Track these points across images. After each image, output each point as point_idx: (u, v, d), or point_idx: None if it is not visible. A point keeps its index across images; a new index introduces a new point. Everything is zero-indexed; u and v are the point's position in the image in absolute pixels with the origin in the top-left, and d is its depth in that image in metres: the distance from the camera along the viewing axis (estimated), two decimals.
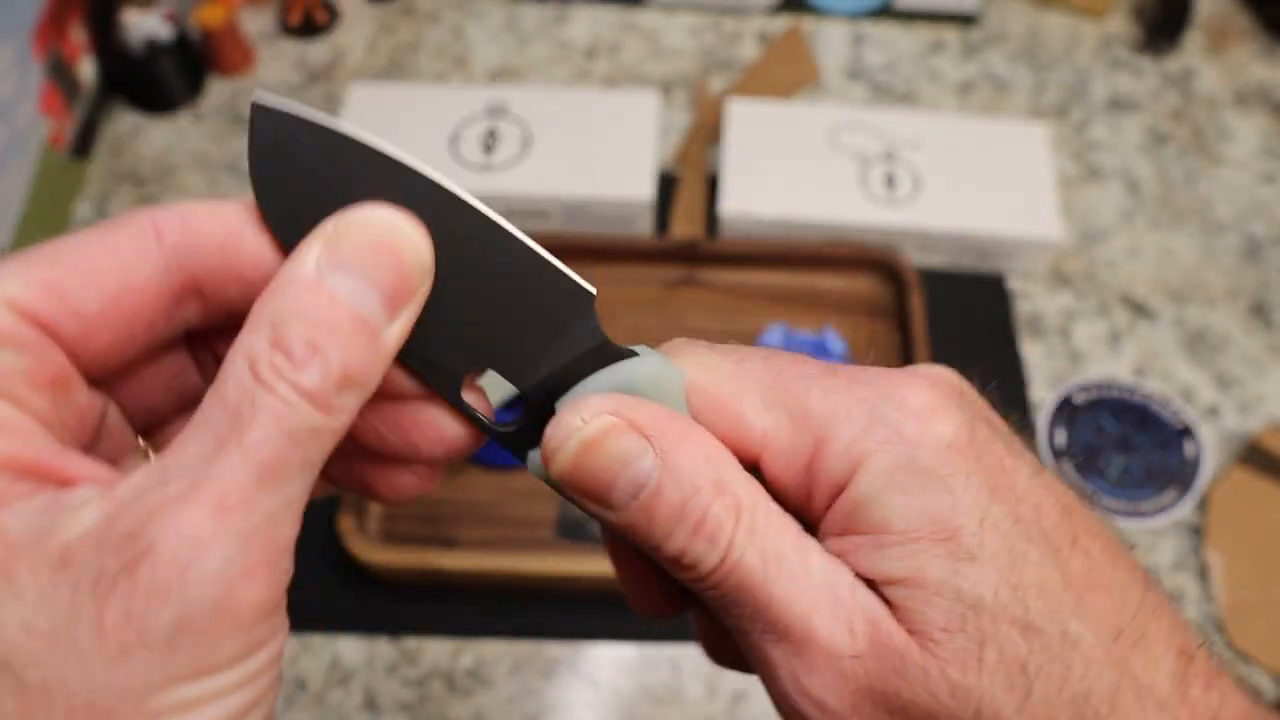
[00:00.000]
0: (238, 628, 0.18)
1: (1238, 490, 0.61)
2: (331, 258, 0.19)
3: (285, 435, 0.18)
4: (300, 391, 0.18)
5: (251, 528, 0.18)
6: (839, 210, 0.69)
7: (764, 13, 0.85)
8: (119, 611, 0.17)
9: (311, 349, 0.18)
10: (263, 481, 0.18)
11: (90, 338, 0.20)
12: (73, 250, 0.20)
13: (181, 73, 0.77)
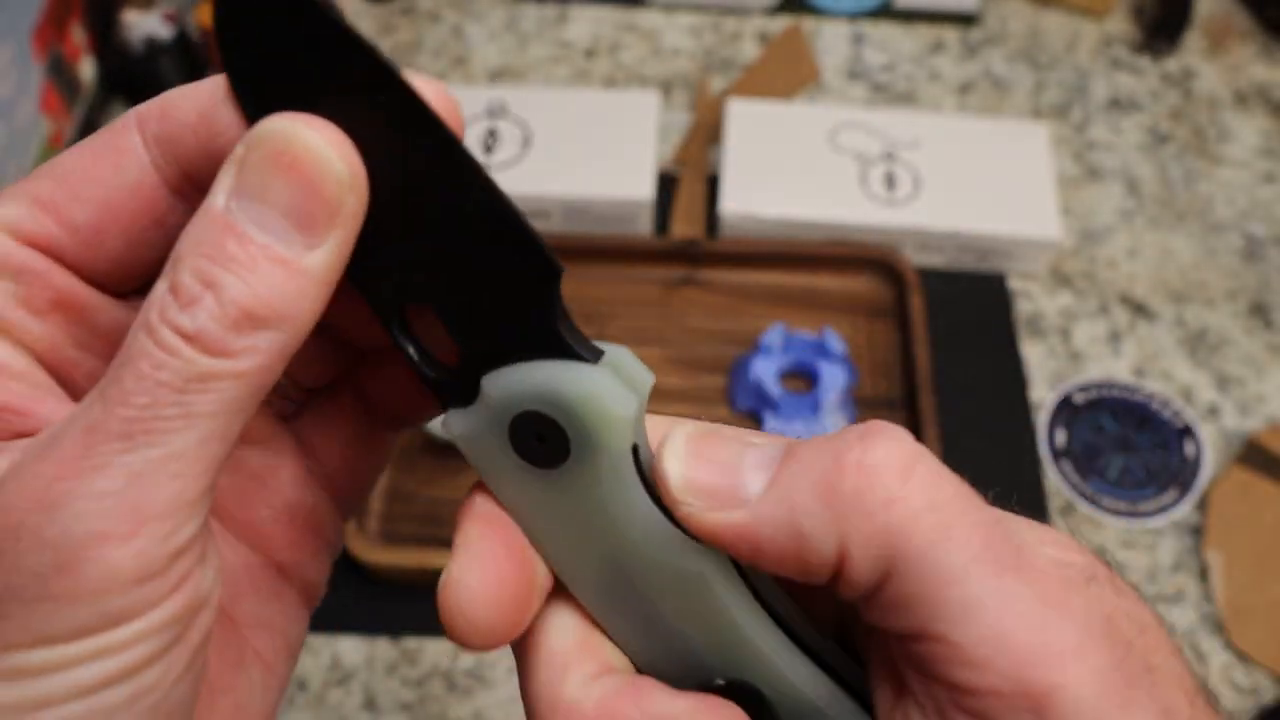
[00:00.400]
0: (80, 598, 0.16)
1: (1238, 490, 0.61)
2: (238, 184, 0.17)
3: (159, 385, 0.16)
4: (183, 334, 0.16)
5: (107, 489, 0.16)
6: (839, 210, 0.69)
7: (764, 13, 0.85)
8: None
9: (203, 285, 0.17)
10: (129, 436, 0.16)
11: (94, 248, 0.19)
12: (63, 163, 0.19)
13: (181, 73, 0.77)
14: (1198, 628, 0.57)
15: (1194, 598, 0.58)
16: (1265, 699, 0.55)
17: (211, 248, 0.17)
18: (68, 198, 0.18)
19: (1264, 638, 0.57)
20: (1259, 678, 0.56)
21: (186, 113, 0.19)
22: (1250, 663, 0.56)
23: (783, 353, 0.64)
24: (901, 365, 0.65)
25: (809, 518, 0.17)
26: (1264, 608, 0.58)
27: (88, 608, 0.16)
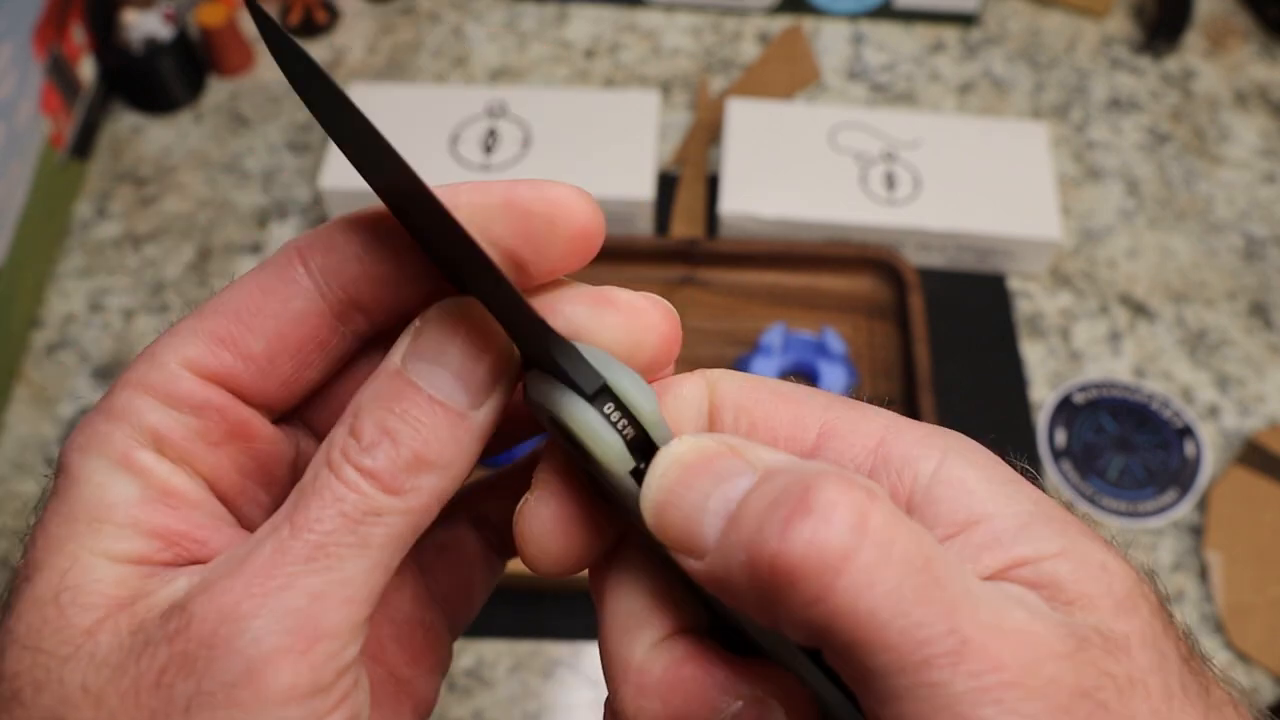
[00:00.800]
0: (260, 707, 0.17)
1: (1238, 490, 0.61)
2: (413, 348, 0.20)
3: (340, 515, 0.18)
4: (363, 472, 0.19)
5: (285, 608, 0.18)
6: (839, 210, 0.69)
7: (764, 13, 0.85)
8: (151, 679, 0.17)
9: (382, 432, 0.19)
10: (310, 560, 0.18)
11: (266, 376, 0.21)
12: (233, 298, 0.20)
13: (181, 73, 0.77)
14: (1198, 628, 0.57)
15: (1194, 598, 0.58)
16: (1265, 699, 0.55)
17: (391, 400, 0.19)
18: (243, 331, 0.20)
19: (1264, 638, 0.57)
20: (1259, 678, 0.56)
21: (350, 245, 0.21)
22: (1250, 663, 0.56)
23: (783, 353, 0.64)
24: (901, 365, 0.65)
25: (743, 596, 0.18)
26: (1264, 608, 0.57)
27: (269, 716, 0.17)
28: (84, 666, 0.18)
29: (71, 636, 0.18)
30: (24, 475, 0.62)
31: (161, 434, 0.20)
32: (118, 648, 0.18)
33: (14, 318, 0.66)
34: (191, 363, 0.20)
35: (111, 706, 0.17)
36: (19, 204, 0.67)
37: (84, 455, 0.20)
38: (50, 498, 0.20)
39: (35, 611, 0.18)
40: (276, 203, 0.74)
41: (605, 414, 0.19)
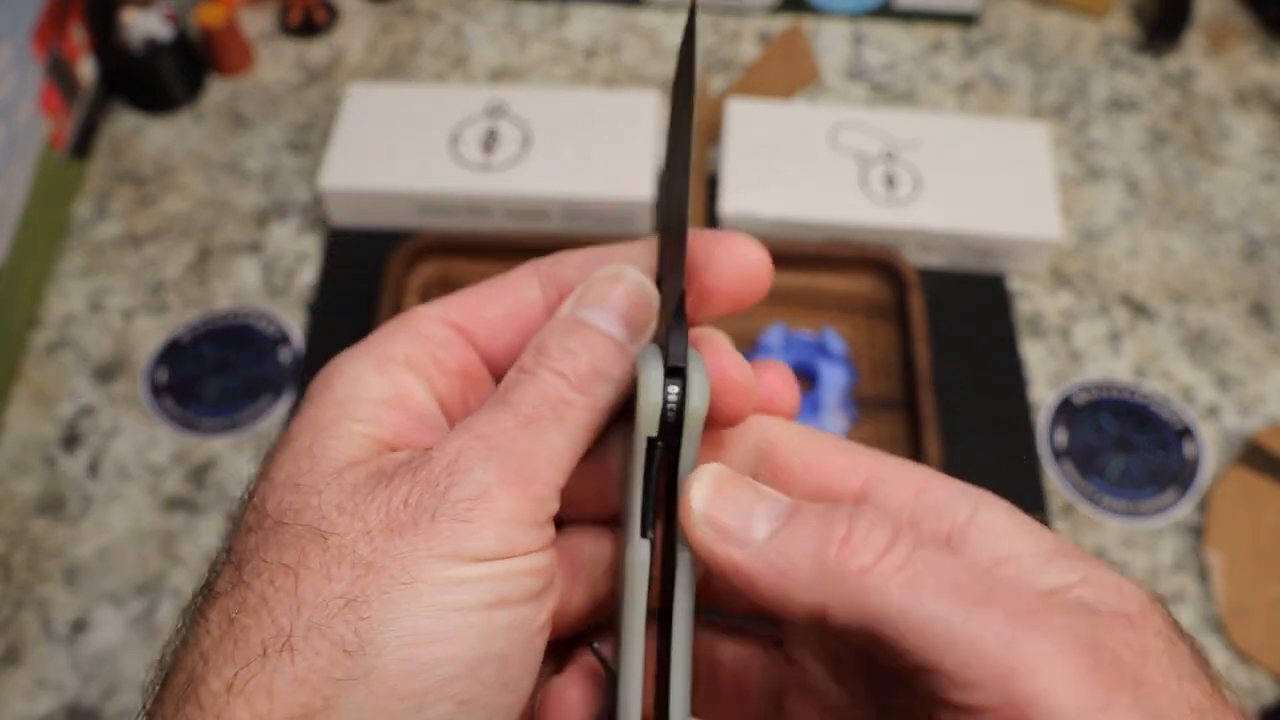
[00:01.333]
0: (492, 523, 0.21)
1: (1238, 490, 0.61)
2: (581, 299, 0.25)
3: (541, 397, 0.23)
4: (555, 373, 0.24)
5: (508, 454, 0.22)
6: (839, 210, 0.69)
7: (764, 13, 0.85)
8: (401, 498, 0.22)
9: (564, 351, 0.24)
10: (521, 426, 0.23)
11: (495, 337, 0.26)
12: (480, 286, 0.27)
13: (181, 73, 0.77)
14: (1198, 628, 0.57)
15: (1194, 598, 0.58)
16: (1265, 699, 0.55)
17: (568, 332, 0.25)
18: (484, 302, 0.27)
19: (1264, 638, 0.57)
20: (1259, 678, 0.56)
21: (572, 263, 0.27)
22: (1250, 663, 0.56)
23: (783, 353, 0.64)
24: (901, 365, 0.65)
25: (798, 573, 0.21)
26: (1264, 608, 0.57)
27: (494, 534, 0.21)
28: (337, 493, 0.22)
29: (323, 476, 0.22)
30: (24, 475, 0.62)
31: (411, 355, 0.25)
32: (365, 481, 0.22)
33: (14, 318, 0.66)
34: (441, 315, 0.26)
35: (366, 517, 0.21)
36: (19, 204, 0.67)
37: (348, 360, 0.25)
38: (303, 404, 0.25)
39: (292, 462, 0.23)
40: (276, 203, 0.74)
41: (666, 386, 0.23)
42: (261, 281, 0.70)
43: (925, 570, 0.20)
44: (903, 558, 0.20)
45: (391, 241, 0.68)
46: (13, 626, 0.57)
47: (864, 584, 0.20)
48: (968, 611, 0.19)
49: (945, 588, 0.20)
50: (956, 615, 0.19)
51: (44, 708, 0.55)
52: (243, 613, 0.21)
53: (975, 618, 0.19)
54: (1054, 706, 0.18)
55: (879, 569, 0.20)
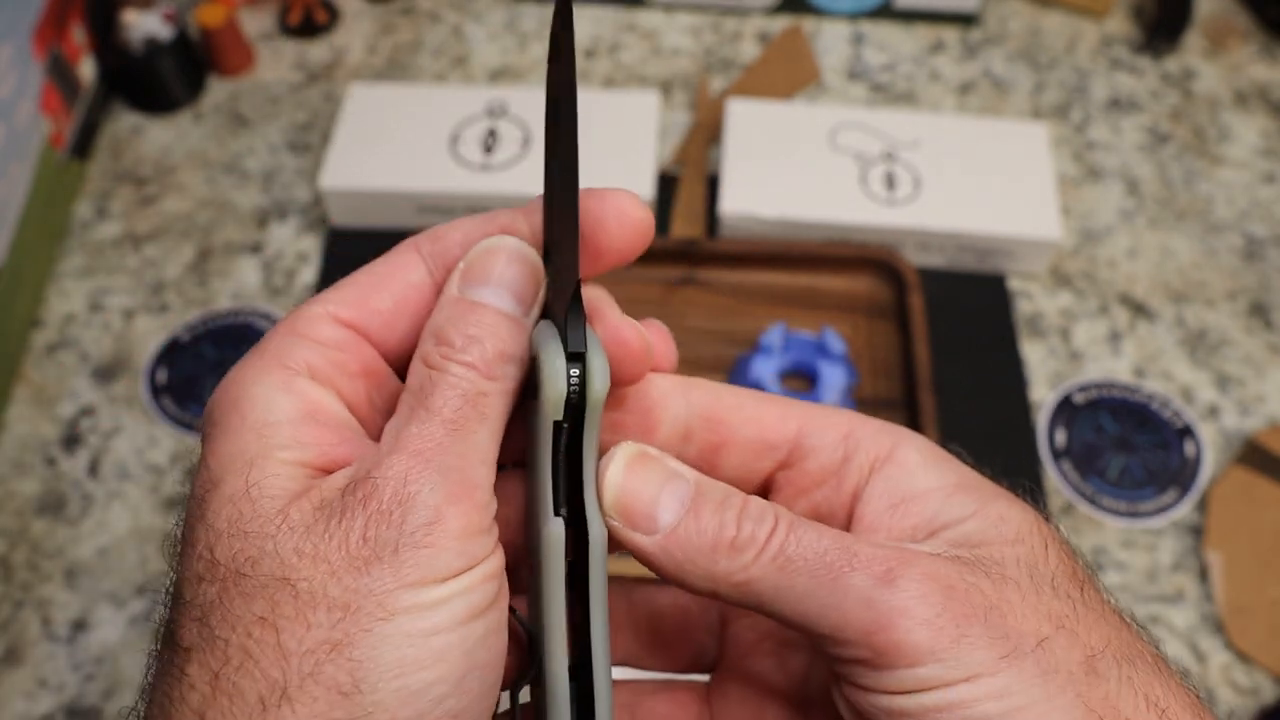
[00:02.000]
0: (450, 542, 0.22)
1: (1238, 490, 0.61)
2: (464, 278, 0.25)
3: (460, 396, 0.23)
4: (465, 365, 0.24)
5: (447, 468, 0.22)
6: (839, 210, 0.69)
7: (764, 13, 0.85)
8: (359, 534, 0.22)
9: (467, 339, 0.24)
10: (450, 433, 0.23)
11: (390, 329, 0.26)
12: (363, 274, 0.26)
13: (181, 73, 0.77)
14: (1198, 628, 0.57)
15: (1194, 598, 0.58)
16: (1265, 699, 0.55)
17: (464, 316, 0.24)
18: (372, 293, 0.26)
19: (1264, 638, 0.57)
20: (1259, 678, 0.56)
21: (452, 235, 0.26)
22: (1250, 663, 0.56)
23: (783, 353, 0.64)
24: (901, 365, 0.65)
25: (693, 566, 0.24)
26: (1264, 608, 0.57)
27: (454, 552, 0.22)
28: (290, 537, 0.22)
29: (269, 519, 0.22)
30: (24, 475, 0.62)
31: (312, 365, 0.25)
32: (314, 519, 0.22)
33: (14, 318, 0.66)
34: (333, 314, 0.25)
35: (329, 558, 0.21)
36: (19, 204, 0.67)
37: (251, 379, 0.24)
38: (213, 430, 0.24)
39: (231, 507, 0.22)
40: (276, 203, 0.74)
41: (569, 372, 0.24)
42: (261, 281, 0.70)
43: (797, 553, 0.23)
44: (777, 547, 0.23)
45: (391, 241, 0.68)
46: (13, 626, 0.57)
47: (747, 578, 0.23)
48: (833, 582, 0.22)
49: (813, 566, 0.23)
50: (823, 588, 0.23)
51: (44, 707, 0.55)
52: (228, 668, 0.21)
53: (839, 586, 0.22)
54: (911, 648, 0.21)
55: (757, 564, 0.23)
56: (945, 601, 0.22)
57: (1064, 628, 0.22)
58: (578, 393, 0.24)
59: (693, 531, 0.24)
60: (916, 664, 0.21)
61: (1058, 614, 0.23)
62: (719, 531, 0.24)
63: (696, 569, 0.24)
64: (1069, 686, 0.21)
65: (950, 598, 0.22)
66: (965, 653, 0.21)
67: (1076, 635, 0.22)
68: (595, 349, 0.24)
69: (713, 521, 0.24)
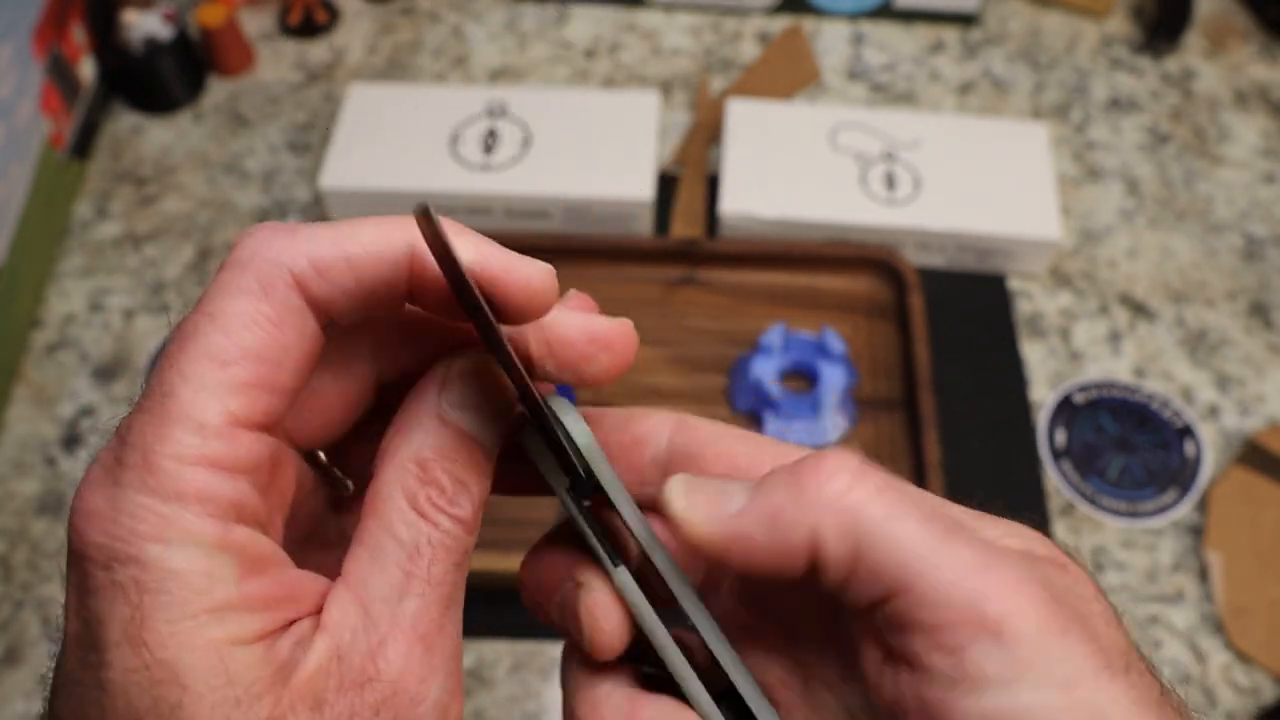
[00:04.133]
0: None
1: (1238, 490, 0.61)
2: (458, 397, 0.23)
3: (454, 565, 0.22)
4: (457, 521, 0.22)
5: (448, 654, 0.21)
6: (839, 210, 0.69)
7: (764, 13, 0.85)
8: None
9: (458, 485, 0.22)
10: (446, 610, 0.22)
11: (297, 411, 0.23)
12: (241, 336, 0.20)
13: (181, 73, 0.77)
14: (1198, 628, 0.57)
15: (1194, 598, 0.58)
16: (1265, 699, 0.55)
17: (454, 452, 0.22)
18: (275, 371, 0.21)
19: (1264, 638, 0.57)
20: (1259, 678, 0.56)
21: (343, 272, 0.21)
22: (1250, 663, 0.56)
23: (783, 353, 0.64)
24: (901, 365, 0.65)
25: (784, 513, 0.21)
26: (1264, 608, 0.57)
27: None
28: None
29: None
30: (24, 475, 0.62)
31: (238, 503, 0.20)
32: (304, 712, 0.20)
33: (14, 318, 0.66)
34: (239, 419, 0.20)
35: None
36: (19, 204, 0.67)
37: (169, 546, 0.19)
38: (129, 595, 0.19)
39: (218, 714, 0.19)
40: (276, 203, 0.74)
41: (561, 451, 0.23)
42: None
43: (900, 496, 0.21)
44: (876, 484, 0.21)
45: None
46: (13, 626, 0.57)
47: (848, 504, 0.21)
48: (942, 538, 0.20)
49: (922, 514, 0.21)
50: (934, 539, 0.20)
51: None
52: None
53: (949, 544, 0.20)
54: (1021, 626, 0.19)
55: (857, 491, 0.21)
56: (1049, 594, 0.20)
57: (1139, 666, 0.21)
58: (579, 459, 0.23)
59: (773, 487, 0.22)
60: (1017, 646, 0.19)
61: (1125, 649, 0.21)
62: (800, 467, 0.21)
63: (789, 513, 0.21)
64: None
65: (1052, 592, 0.20)
66: (1069, 651, 0.19)
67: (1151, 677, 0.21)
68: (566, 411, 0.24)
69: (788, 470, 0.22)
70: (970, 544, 0.20)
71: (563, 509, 0.24)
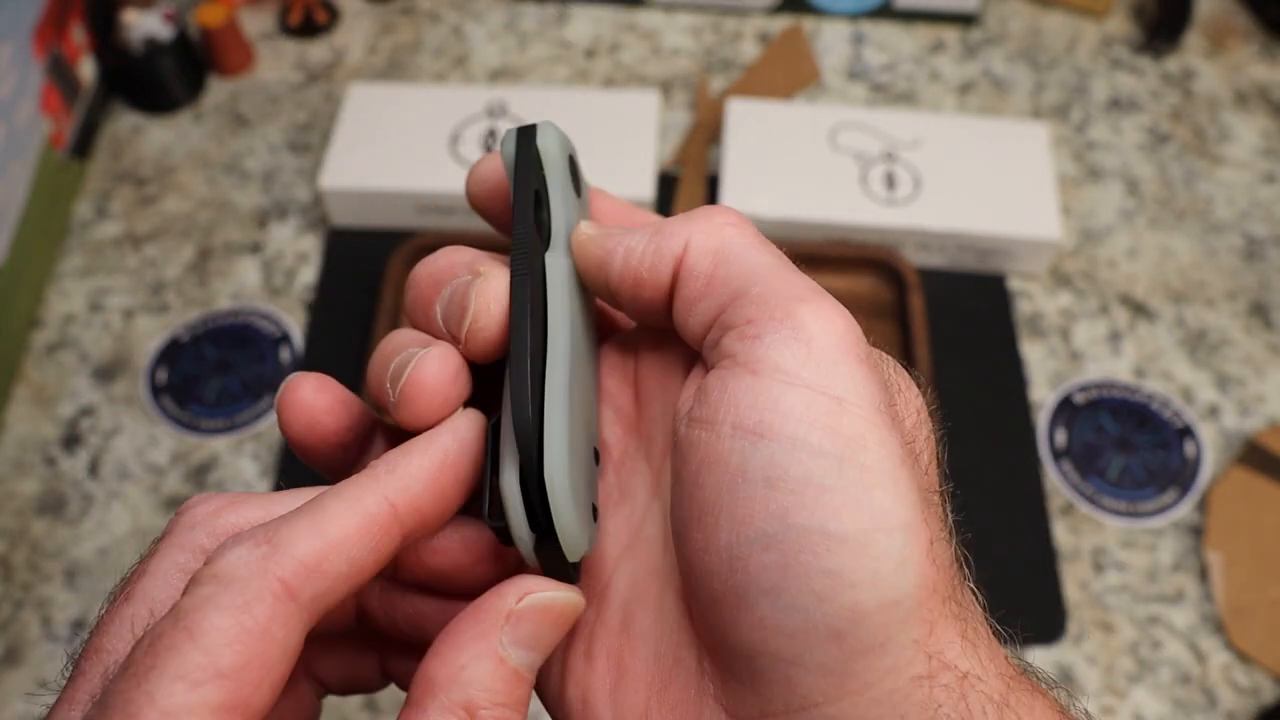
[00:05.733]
0: None
1: (1238, 490, 0.61)
2: (519, 637, 0.22)
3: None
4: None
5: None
6: (839, 210, 0.69)
7: (764, 13, 0.85)
8: None
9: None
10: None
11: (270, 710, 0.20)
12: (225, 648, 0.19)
13: (181, 73, 0.77)
14: (1198, 628, 0.57)
15: (1194, 598, 0.58)
16: (1265, 699, 0.55)
17: (506, 692, 0.21)
18: (251, 690, 0.19)
19: (1264, 638, 0.57)
20: (1259, 678, 0.56)
21: (338, 567, 0.20)
22: (1250, 663, 0.56)
23: None
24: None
25: (667, 226, 0.24)
26: (1264, 608, 0.57)
27: None
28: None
29: None
30: (24, 475, 0.62)
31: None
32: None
33: (14, 318, 0.66)
34: (204, 704, 0.18)
35: None
36: (19, 204, 0.67)
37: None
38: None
39: None
40: (276, 203, 0.74)
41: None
42: (261, 281, 0.70)
43: (765, 243, 0.24)
44: (752, 231, 0.24)
45: (391, 241, 0.68)
46: (13, 626, 0.57)
47: (721, 227, 0.24)
48: (791, 271, 0.23)
49: (780, 257, 0.23)
50: (783, 270, 0.23)
51: (44, 708, 0.55)
52: None
53: (795, 275, 0.23)
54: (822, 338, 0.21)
55: (734, 227, 0.24)
56: (863, 346, 0.23)
57: (922, 455, 0.24)
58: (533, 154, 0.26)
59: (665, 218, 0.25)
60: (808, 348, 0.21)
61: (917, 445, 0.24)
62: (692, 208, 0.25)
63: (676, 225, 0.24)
64: None
65: (869, 352, 0.23)
66: (858, 380, 0.21)
67: (932, 473, 0.25)
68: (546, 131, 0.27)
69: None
70: (817, 288, 0.22)
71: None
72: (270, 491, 0.24)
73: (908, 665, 0.20)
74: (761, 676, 0.20)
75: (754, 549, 0.20)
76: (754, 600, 0.20)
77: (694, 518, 0.21)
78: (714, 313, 0.23)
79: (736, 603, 0.20)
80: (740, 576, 0.20)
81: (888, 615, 0.20)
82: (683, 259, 0.23)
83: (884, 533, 0.20)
